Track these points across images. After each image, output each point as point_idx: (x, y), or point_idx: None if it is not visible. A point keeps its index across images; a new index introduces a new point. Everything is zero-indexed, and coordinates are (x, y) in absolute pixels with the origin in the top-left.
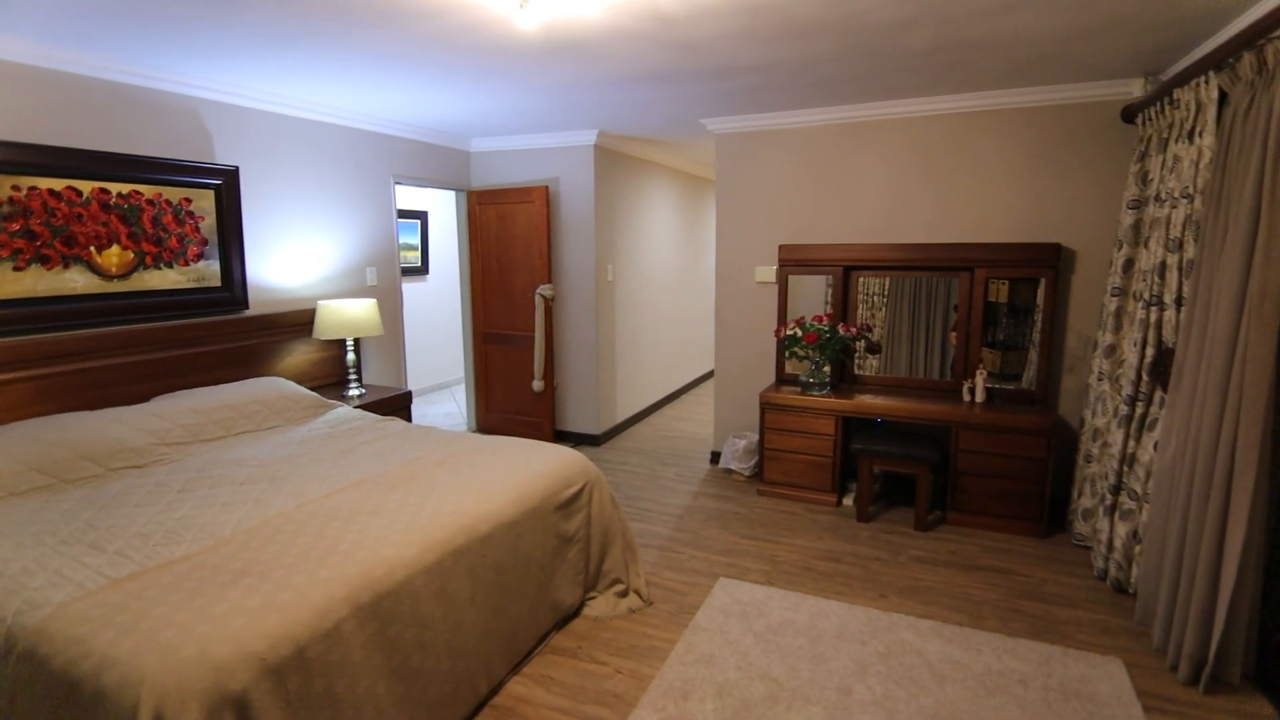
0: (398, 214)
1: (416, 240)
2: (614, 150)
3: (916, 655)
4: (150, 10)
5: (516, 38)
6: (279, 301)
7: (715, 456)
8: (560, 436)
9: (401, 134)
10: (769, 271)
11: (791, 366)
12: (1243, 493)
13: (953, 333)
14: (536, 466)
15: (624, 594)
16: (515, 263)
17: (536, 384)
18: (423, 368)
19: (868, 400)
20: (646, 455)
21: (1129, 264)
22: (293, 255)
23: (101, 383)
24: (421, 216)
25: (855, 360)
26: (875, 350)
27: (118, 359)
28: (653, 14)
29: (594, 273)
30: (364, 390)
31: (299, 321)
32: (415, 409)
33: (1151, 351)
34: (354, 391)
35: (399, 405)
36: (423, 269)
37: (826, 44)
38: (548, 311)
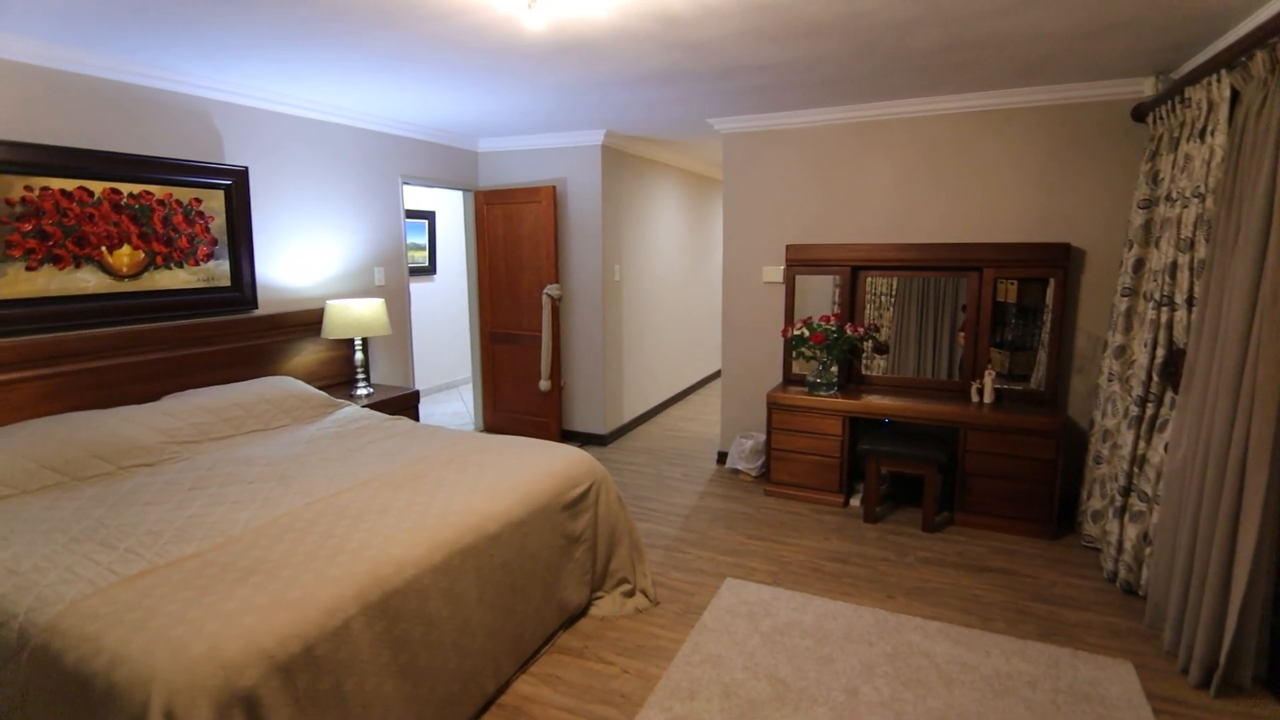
0: (405, 214)
1: (424, 240)
2: (621, 150)
3: (924, 657)
4: (160, 12)
5: (524, 38)
6: (288, 301)
7: (722, 457)
8: (567, 436)
9: (409, 134)
10: (776, 271)
11: (799, 367)
12: (1255, 494)
13: (961, 333)
14: (543, 466)
15: (631, 594)
16: (522, 263)
17: (543, 384)
18: (430, 367)
19: (875, 401)
20: (653, 455)
21: (1139, 264)
22: (301, 255)
23: (112, 382)
24: (429, 216)
25: (863, 360)
26: (883, 350)
27: (128, 358)
28: (660, 14)
29: (601, 273)
30: (372, 390)
31: (307, 321)
32: (422, 408)
33: (1162, 352)
34: (362, 391)
35: (406, 405)
36: (430, 269)
37: (834, 43)
38: (555, 311)
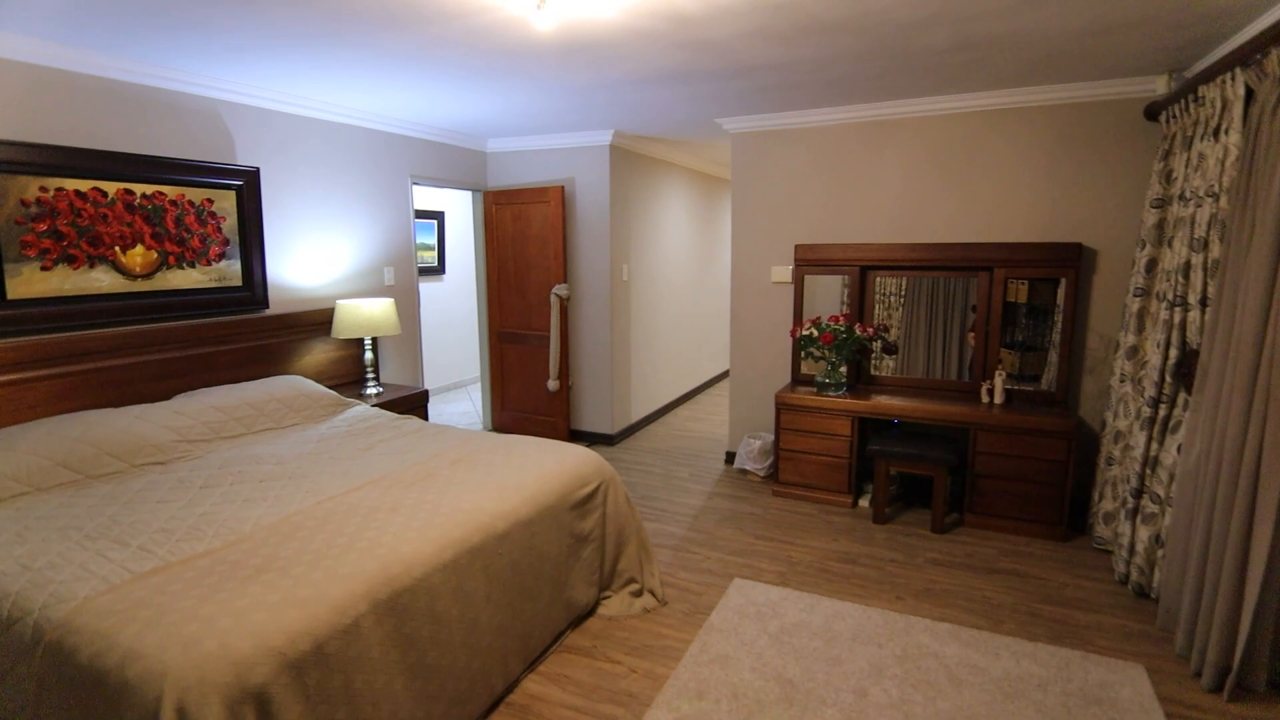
0: (415, 214)
1: (433, 240)
2: (630, 150)
3: (934, 658)
4: (172, 14)
5: (533, 39)
6: (298, 301)
7: (730, 457)
8: (575, 436)
9: (419, 135)
10: (785, 271)
11: (807, 367)
12: (1269, 496)
13: (971, 333)
14: (552, 466)
15: (639, 593)
16: (531, 262)
17: (552, 383)
18: (439, 367)
19: (884, 401)
20: (661, 455)
21: (1152, 264)
22: (312, 255)
23: (125, 380)
24: (438, 216)
25: (872, 361)
26: (892, 351)
27: (141, 357)
28: (670, 14)
29: (609, 272)
30: (381, 389)
31: (318, 321)
32: (432, 408)
33: (1175, 353)
34: (371, 390)
35: (416, 404)
36: (439, 269)
37: (844, 42)
38: (563, 311)
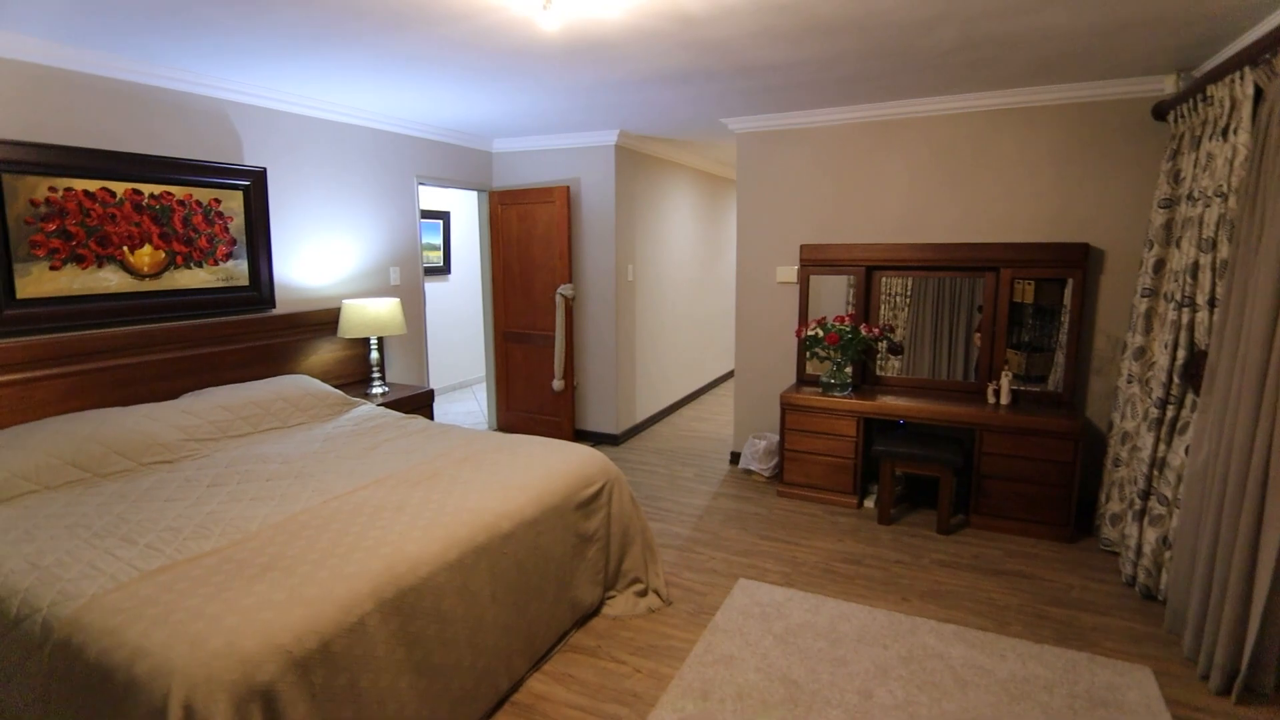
0: (420, 214)
1: (439, 240)
2: (635, 150)
3: (939, 660)
4: (178, 15)
5: (539, 39)
6: (305, 300)
7: (735, 457)
8: (580, 436)
9: (424, 135)
10: (790, 271)
11: (813, 367)
12: (1278, 497)
13: (977, 334)
14: (557, 465)
15: (643, 593)
16: (536, 262)
17: (557, 383)
18: (444, 366)
19: (890, 402)
20: (666, 455)
21: (1160, 264)
22: (318, 255)
23: (133, 379)
24: (444, 217)
25: (877, 361)
26: (897, 351)
27: (149, 356)
28: (675, 14)
29: (614, 272)
30: (387, 388)
31: (324, 320)
32: (437, 407)
33: (1183, 354)
34: (377, 389)
35: (421, 403)
36: (445, 269)
37: (850, 42)
38: (568, 311)
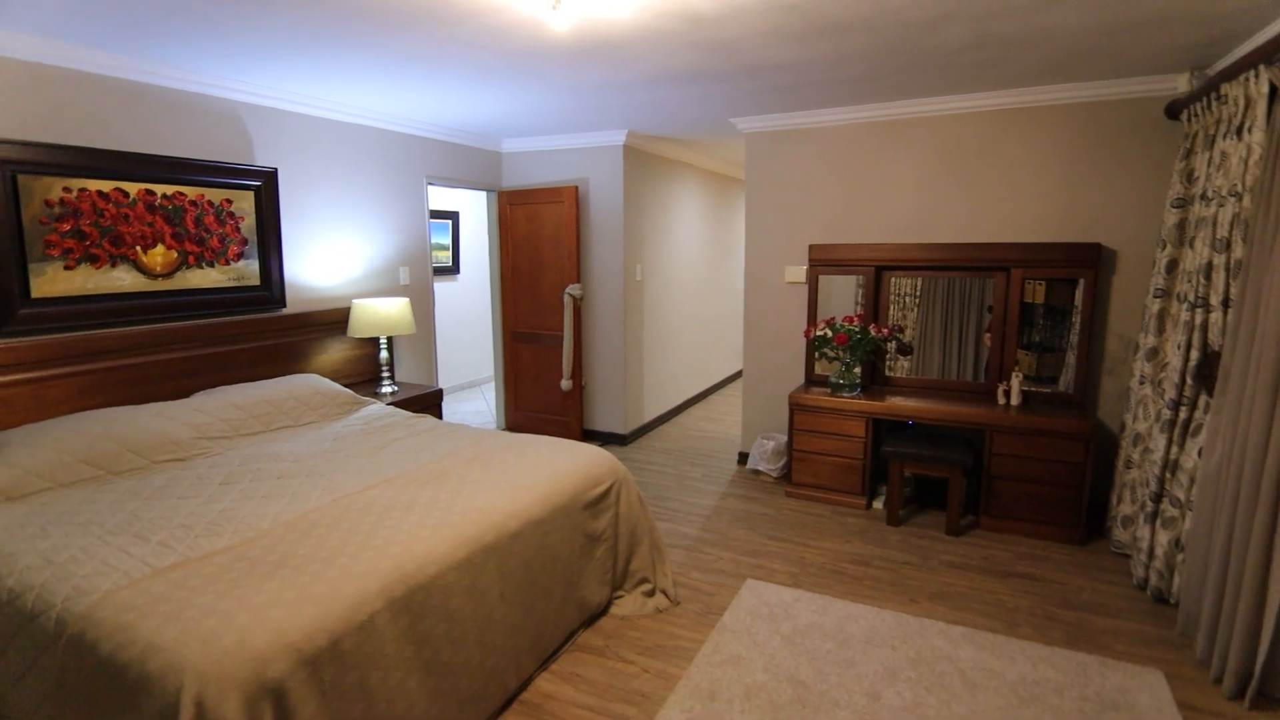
0: (430, 214)
1: (448, 240)
2: (643, 150)
3: (948, 662)
4: (188, 16)
5: (548, 39)
6: (315, 300)
7: (743, 457)
8: (588, 436)
9: (434, 135)
10: (799, 271)
11: (821, 367)
12: None
13: (987, 334)
14: (565, 465)
15: (651, 593)
16: (544, 262)
17: (565, 383)
18: (453, 366)
19: (899, 402)
20: (674, 455)
21: (1173, 264)
22: (328, 255)
23: (146, 378)
24: (453, 217)
25: (886, 362)
26: (907, 351)
27: (161, 355)
28: (684, 13)
29: (622, 272)
30: (396, 388)
31: (334, 320)
32: (446, 406)
33: (1196, 354)
34: (387, 389)
35: (430, 403)
36: (454, 269)
37: (859, 42)
38: (576, 311)
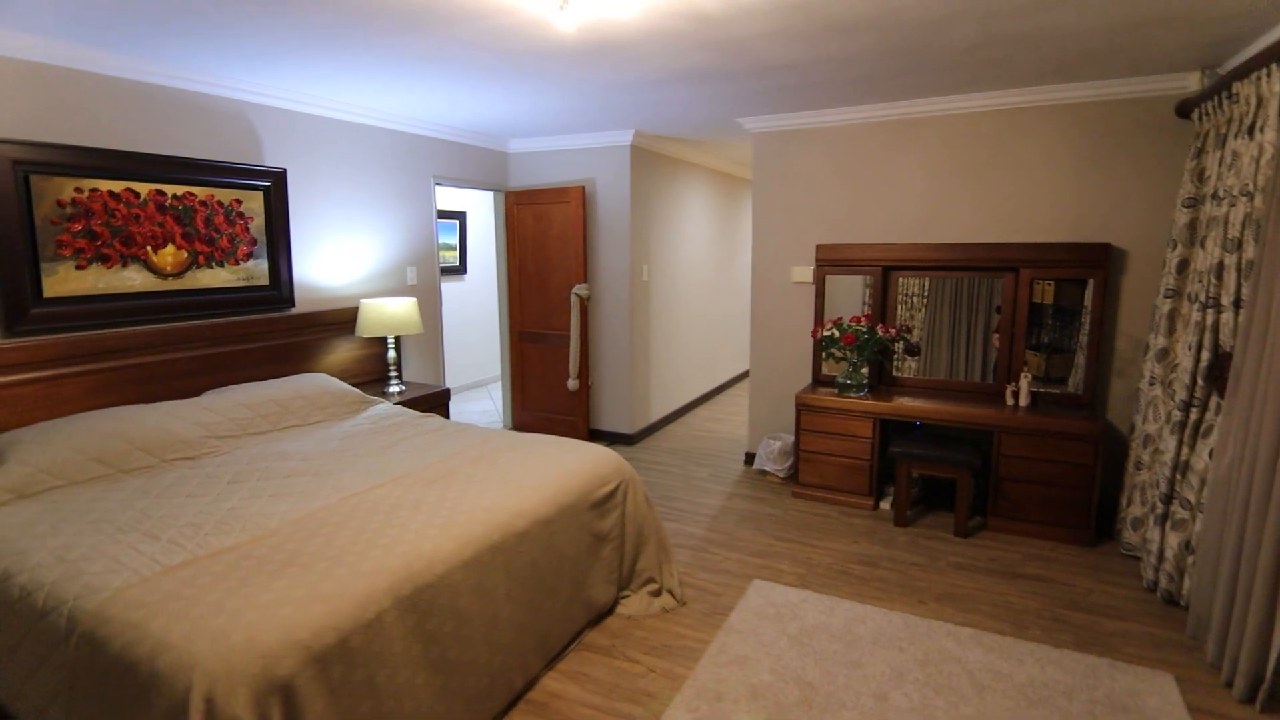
0: (437, 214)
1: (455, 240)
2: (650, 150)
3: (956, 663)
4: (198, 17)
5: (555, 39)
6: (323, 300)
7: (750, 458)
8: (595, 435)
9: (441, 136)
10: (806, 271)
11: (828, 368)
12: None
13: (995, 334)
14: (572, 465)
15: (657, 593)
16: (551, 262)
17: (572, 383)
18: (460, 366)
19: (906, 403)
20: (680, 455)
21: (1183, 264)
22: (337, 255)
23: (156, 377)
24: (460, 217)
25: (894, 362)
26: (914, 352)
27: (171, 354)
28: (692, 13)
29: (629, 272)
30: (404, 387)
31: (342, 319)
32: (453, 406)
33: (1207, 355)
34: (394, 388)
35: (437, 402)
36: (461, 269)
37: (867, 41)
38: (583, 311)
